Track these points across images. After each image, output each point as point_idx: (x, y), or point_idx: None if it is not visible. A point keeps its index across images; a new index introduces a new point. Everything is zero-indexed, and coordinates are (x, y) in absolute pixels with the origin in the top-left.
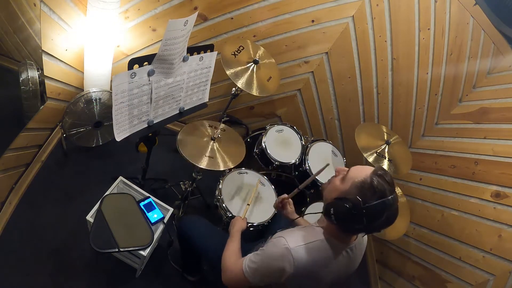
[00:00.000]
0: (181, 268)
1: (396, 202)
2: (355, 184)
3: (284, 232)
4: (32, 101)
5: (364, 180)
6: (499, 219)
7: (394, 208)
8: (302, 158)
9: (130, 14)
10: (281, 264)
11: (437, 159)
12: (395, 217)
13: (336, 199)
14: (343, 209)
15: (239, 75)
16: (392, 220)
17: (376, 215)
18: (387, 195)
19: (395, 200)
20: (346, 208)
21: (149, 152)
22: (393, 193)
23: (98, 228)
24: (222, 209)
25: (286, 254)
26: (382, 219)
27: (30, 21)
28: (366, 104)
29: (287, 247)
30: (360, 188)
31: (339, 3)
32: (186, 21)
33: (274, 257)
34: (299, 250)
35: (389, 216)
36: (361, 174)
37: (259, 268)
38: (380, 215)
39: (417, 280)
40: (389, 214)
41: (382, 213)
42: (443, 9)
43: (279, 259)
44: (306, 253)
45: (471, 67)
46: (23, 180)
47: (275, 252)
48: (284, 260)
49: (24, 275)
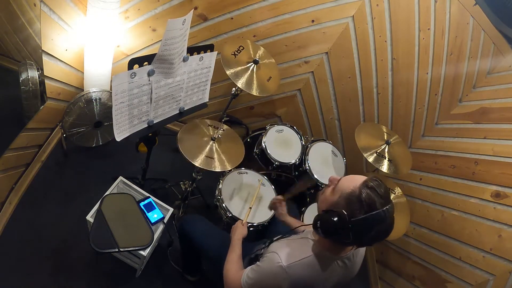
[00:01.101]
0: (181, 268)
1: (390, 215)
2: (343, 196)
3: (277, 247)
4: (32, 101)
5: (352, 192)
6: (499, 219)
7: (386, 222)
8: (302, 158)
9: (130, 14)
10: (276, 282)
11: (437, 159)
12: (387, 232)
13: (324, 212)
14: (329, 223)
15: (239, 75)
16: (383, 235)
17: (364, 230)
18: (377, 209)
19: (387, 213)
20: (332, 221)
21: (149, 152)
22: (386, 206)
23: (98, 228)
24: (222, 209)
25: (281, 273)
26: (371, 234)
27: (30, 21)
28: (366, 104)
29: (281, 265)
30: (347, 201)
31: (339, 3)
32: (184, 19)
33: (269, 275)
34: (293, 267)
35: (380, 231)
36: (350, 185)
37: (256, 285)
38: (368, 230)
39: (417, 280)
40: (379, 228)
41: (371, 228)
42: (443, 9)
43: (274, 277)
44: (301, 270)
45: (471, 67)
46: (23, 180)
47: (270, 270)
48: (279, 278)
49: (24, 275)
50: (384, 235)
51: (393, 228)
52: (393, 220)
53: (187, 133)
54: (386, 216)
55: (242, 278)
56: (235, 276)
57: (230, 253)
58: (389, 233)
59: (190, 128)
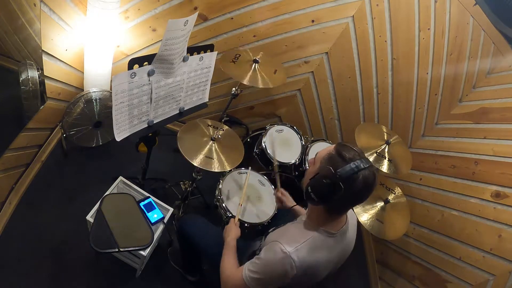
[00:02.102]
0: (181, 268)
1: (369, 163)
2: (323, 160)
3: (276, 236)
4: (32, 101)
5: (329, 152)
6: (499, 219)
7: (369, 169)
8: (302, 158)
9: (130, 14)
10: (283, 268)
11: (437, 159)
12: (373, 178)
13: (311, 179)
14: (318, 183)
15: (244, 75)
16: (371, 181)
17: (351, 177)
18: (355, 158)
19: (366, 161)
20: (321, 181)
21: (149, 152)
22: (362, 156)
23: (98, 228)
24: (222, 209)
25: (286, 259)
26: (359, 180)
27: (30, 21)
28: (366, 104)
29: (285, 252)
30: (328, 160)
31: (339, 3)
32: (186, 21)
33: (275, 264)
34: (297, 252)
35: (366, 177)
36: (325, 151)
37: (262, 278)
38: (356, 177)
39: (417, 280)
40: (364, 174)
41: (357, 174)
42: (443, 9)
43: (280, 265)
44: (305, 253)
45: (471, 67)
46: (23, 180)
47: (275, 258)
48: (285, 264)
49: (24, 275)
50: (371, 180)
51: (376, 176)
52: (375, 170)
53: (187, 133)
54: (367, 162)
55: (243, 274)
56: (234, 274)
57: (225, 254)
58: (375, 179)
59: (190, 128)
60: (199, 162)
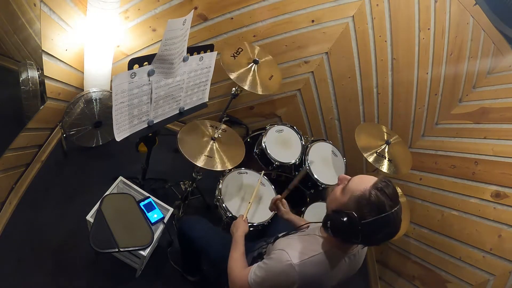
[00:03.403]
0: (181, 268)
1: (398, 216)
2: (353, 198)
3: (285, 244)
4: (32, 101)
5: (362, 194)
6: (499, 219)
7: (394, 223)
8: (302, 158)
9: (130, 14)
10: (286, 278)
11: (437, 159)
12: (395, 232)
13: (334, 212)
14: (339, 223)
15: (243, 77)
16: (392, 235)
17: (374, 231)
18: (386, 211)
19: (396, 215)
20: (342, 222)
21: (149, 152)
22: (395, 207)
23: (98, 228)
24: (222, 209)
25: (291, 271)
26: (379, 235)
27: (30, 21)
28: (366, 104)
29: (291, 263)
30: (357, 203)
31: (339, 3)
32: (184, 20)
33: (279, 274)
34: (303, 265)
35: (388, 232)
36: (360, 187)
37: (265, 284)
38: (378, 231)
39: (417, 280)
40: (388, 230)
41: (380, 229)
42: (443, 9)
43: (285, 276)
44: (311, 267)
45: (471, 67)
46: (23, 180)
47: (279, 268)
48: (289, 275)
49: (24, 275)
50: (392, 234)
51: (399, 229)
52: (401, 221)
53: (187, 133)
54: (395, 217)
55: (249, 276)
56: (241, 273)
57: (233, 250)
58: (396, 233)
59: (190, 128)
60: (203, 162)
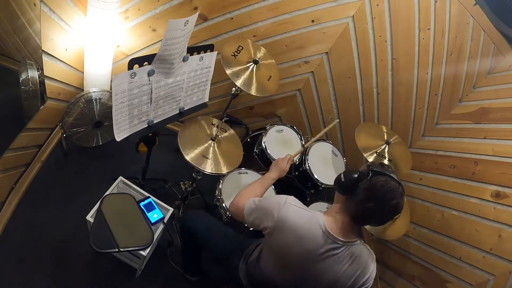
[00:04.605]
0: (181, 268)
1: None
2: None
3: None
4: (32, 101)
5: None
6: (499, 219)
7: (398, 185)
8: (302, 158)
9: (130, 14)
10: (275, 204)
11: (437, 159)
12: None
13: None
14: (352, 171)
15: (239, 75)
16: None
17: (380, 174)
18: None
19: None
20: (356, 170)
21: (149, 152)
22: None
23: (98, 228)
24: (222, 209)
25: (281, 203)
26: (384, 184)
27: (30, 21)
28: (366, 104)
29: (286, 200)
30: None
31: (339, 3)
32: (186, 21)
33: (271, 201)
34: (292, 208)
35: (390, 186)
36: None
37: (257, 208)
38: (382, 179)
39: (417, 280)
40: (392, 184)
41: (385, 177)
42: (443, 9)
43: (273, 204)
44: (295, 213)
45: (471, 67)
46: (23, 180)
47: (274, 199)
48: (276, 206)
49: (24, 275)
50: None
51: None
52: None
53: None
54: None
55: (247, 202)
56: (245, 198)
57: (257, 182)
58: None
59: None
60: (192, 158)
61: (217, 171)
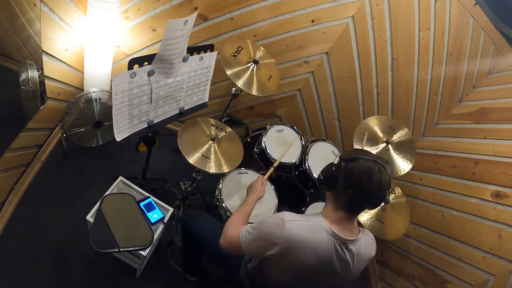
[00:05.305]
0: (181, 268)
1: (377, 159)
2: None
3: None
4: (32, 101)
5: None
6: (499, 219)
7: (375, 163)
8: (302, 158)
9: (130, 14)
10: (274, 229)
11: (437, 159)
12: (376, 171)
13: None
14: (328, 167)
15: (239, 75)
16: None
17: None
18: (365, 154)
19: (375, 158)
20: (331, 167)
21: (149, 152)
22: (374, 156)
23: (98, 228)
24: (222, 209)
25: (280, 224)
26: (360, 166)
27: (30, 21)
28: (366, 104)
29: (283, 219)
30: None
31: (339, 3)
32: (186, 20)
33: (269, 223)
34: (293, 223)
35: (368, 166)
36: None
37: (254, 234)
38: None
39: (417, 280)
40: (367, 164)
41: (358, 160)
42: (443, 9)
43: (272, 225)
44: (299, 227)
45: (471, 67)
46: (23, 180)
47: (271, 221)
48: (277, 228)
49: (24, 275)
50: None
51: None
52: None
53: (188, 130)
54: (374, 157)
55: (241, 232)
56: (235, 229)
57: (241, 208)
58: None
59: (192, 125)
60: (199, 162)
61: (218, 170)
